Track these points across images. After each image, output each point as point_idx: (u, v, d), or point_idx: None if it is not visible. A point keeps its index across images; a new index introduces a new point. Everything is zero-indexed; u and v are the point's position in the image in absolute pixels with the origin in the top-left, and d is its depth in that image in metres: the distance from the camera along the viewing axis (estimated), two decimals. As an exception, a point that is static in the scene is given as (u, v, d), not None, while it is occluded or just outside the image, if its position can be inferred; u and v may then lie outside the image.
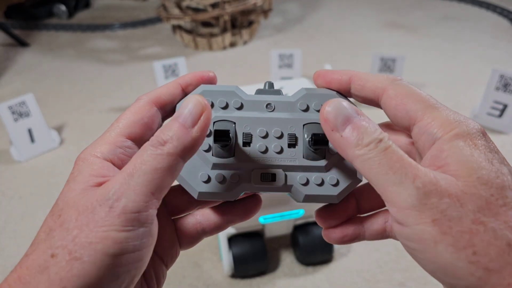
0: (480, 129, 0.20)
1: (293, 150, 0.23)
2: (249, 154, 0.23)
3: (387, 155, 0.19)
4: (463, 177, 0.18)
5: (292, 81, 0.57)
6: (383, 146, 0.19)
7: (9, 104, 0.76)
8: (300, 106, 0.24)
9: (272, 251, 0.60)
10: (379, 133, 0.19)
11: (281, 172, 0.23)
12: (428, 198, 0.18)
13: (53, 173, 0.77)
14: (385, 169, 0.18)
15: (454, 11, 1.40)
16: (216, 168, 0.23)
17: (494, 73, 0.78)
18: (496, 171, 0.18)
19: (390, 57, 0.87)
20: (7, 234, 0.65)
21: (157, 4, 1.42)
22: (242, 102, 0.24)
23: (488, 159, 0.18)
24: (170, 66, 0.88)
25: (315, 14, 1.44)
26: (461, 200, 0.18)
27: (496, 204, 0.18)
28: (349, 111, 0.20)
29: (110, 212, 0.18)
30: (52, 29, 1.40)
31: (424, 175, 0.18)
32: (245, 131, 0.23)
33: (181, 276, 0.58)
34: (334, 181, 0.23)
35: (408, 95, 0.21)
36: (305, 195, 0.23)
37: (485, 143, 0.19)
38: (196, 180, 0.23)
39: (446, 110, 0.20)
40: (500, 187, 0.18)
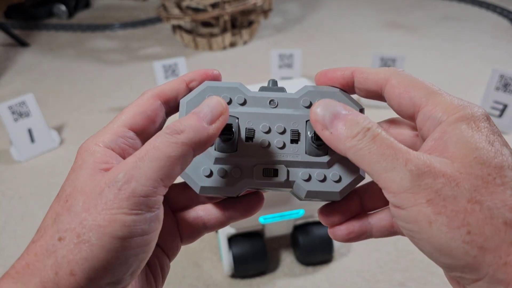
0: (484, 113, 0.20)
1: (295, 145, 0.23)
2: (252, 149, 0.23)
3: (376, 142, 0.19)
4: (460, 158, 0.18)
5: (292, 81, 0.57)
6: (371, 134, 0.19)
7: (9, 104, 0.76)
8: (303, 103, 0.24)
9: (272, 251, 0.60)
10: (367, 123, 0.19)
11: (283, 167, 0.23)
12: (421, 179, 0.18)
13: (53, 173, 0.77)
14: (376, 157, 0.18)
15: (454, 11, 1.40)
16: (218, 162, 0.23)
17: (494, 73, 0.78)
18: (496, 151, 0.18)
19: (390, 57, 0.87)
20: (7, 234, 0.65)
21: (157, 4, 1.42)
22: (245, 98, 0.24)
23: (489, 140, 0.19)
24: (170, 66, 0.88)
25: (315, 14, 1.44)
26: (456, 179, 0.18)
27: (494, 183, 0.18)
28: (335, 107, 0.20)
29: (118, 194, 0.18)
30: (52, 29, 1.40)
31: (416, 158, 0.18)
32: (248, 126, 0.23)
33: (181, 276, 0.58)
34: (337, 177, 0.23)
35: (411, 83, 0.21)
36: (307, 191, 0.23)
37: (488, 126, 0.19)
38: (198, 175, 0.23)
39: (450, 96, 0.21)
40: (499, 166, 0.18)
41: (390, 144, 0.19)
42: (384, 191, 0.19)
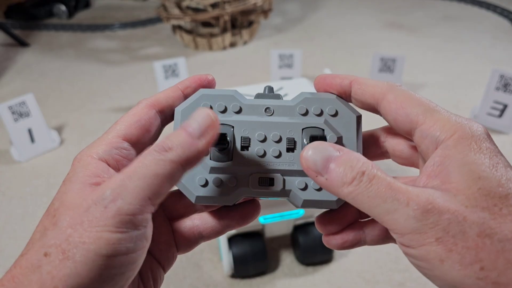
0: (484, 131, 0.19)
1: (291, 154, 0.23)
2: (247, 158, 0.23)
3: (373, 186, 0.18)
4: (463, 190, 0.18)
5: (292, 81, 0.57)
6: (367, 177, 0.18)
7: (9, 104, 0.76)
8: (299, 110, 0.24)
9: (272, 251, 0.60)
10: (360, 165, 0.19)
11: (279, 176, 0.23)
12: (427, 217, 0.17)
13: (53, 173, 0.77)
14: (376, 201, 0.18)
15: (454, 11, 1.40)
16: (214, 172, 0.23)
17: (494, 73, 0.78)
18: (500, 178, 0.18)
19: (390, 57, 0.87)
20: (7, 234, 0.65)
21: (157, 4, 1.42)
22: (240, 106, 0.24)
23: (492, 164, 0.18)
24: (170, 66, 0.88)
25: (315, 14, 1.44)
26: (463, 214, 0.17)
27: (501, 214, 0.17)
28: (326, 152, 0.20)
29: (104, 212, 0.18)
30: (52, 29, 1.40)
31: (417, 196, 0.18)
32: (244, 135, 0.23)
33: (182, 276, 0.58)
34: None
35: (407, 99, 0.21)
36: (303, 200, 0.23)
37: (490, 146, 0.19)
38: (193, 184, 0.23)
39: (447, 113, 0.20)
40: (504, 195, 0.17)
41: (388, 184, 0.18)
42: (390, 231, 0.19)
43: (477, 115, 0.84)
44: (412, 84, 0.98)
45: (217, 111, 0.24)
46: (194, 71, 1.06)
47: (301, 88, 0.55)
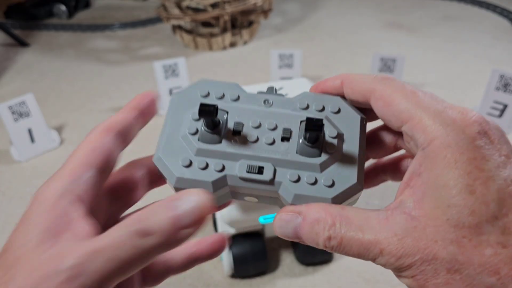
0: (471, 132, 0.18)
1: (286, 144, 0.21)
2: (238, 142, 0.21)
3: (345, 247, 0.19)
4: (432, 221, 0.17)
5: (292, 81, 0.57)
6: (336, 242, 0.19)
7: (9, 104, 0.76)
8: (299, 104, 0.22)
9: (272, 251, 0.60)
10: (326, 230, 0.19)
11: (270, 165, 0.21)
12: (400, 262, 0.18)
13: (53, 173, 0.77)
14: (353, 254, 0.19)
15: (454, 11, 1.40)
16: (200, 154, 0.21)
17: (494, 73, 0.78)
18: (473, 203, 0.17)
19: (390, 57, 0.87)
20: (7, 235, 0.64)
21: (157, 4, 1.42)
22: (239, 94, 0.23)
23: (467, 184, 0.17)
24: (170, 66, 0.88)
25: (316, 14, 1.44)
26: (433, 251, 0.17)
27: (470, 246, 0.17)
28: (290, 224, 0.20)
29: (61, 285, 0.16)
30: (52, 29, 1.40)
31: (388, 245, 0.18)
32: (237, 120, 0.22)
33: (181, 276, 0.57)
34: (329, 182, 0.21)
35: (393, 94, 0.20)
36: (294, 194, 0.21)
37: (473, 155, 0.17)
38: (176, 164, 0.21)
39: (435, 109, 0.19)
40: (474, 224, 0.17)
41: (358, 241, 0.18)
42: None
43: (477, 115, 0.84)
44: (412, 83, 0.98)
45: (214, 97, 0.23)
46: (194, 71, 1.06)
47: (301, 88, 0.55)
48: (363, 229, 0.18)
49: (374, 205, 0.66)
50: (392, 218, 0.18)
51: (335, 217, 0.19)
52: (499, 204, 0.17)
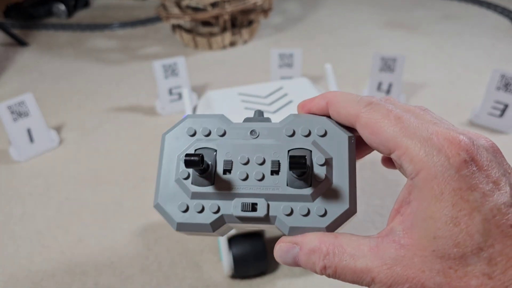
0: (458, 165, 0.18)
1: (276, 177, 0.22)
2: (229, 182, 0.22)
3: (340, 275, 0.19)
4: (420, 252, 0.18)
5: (292, 80, 0.57)
6: (331, 271, 0.20)
7: (8, 103, 0.76)
8: (286, 132, 0.22)
9: (272, 251, 0.59)
10: (322, 259, 0.20)
11: (263, 201, 0.21)
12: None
13: (52, 173, 0.77)
14: (348, 281, 0.20)
15: (454, 11, 1.39)
16: (195, 197, 0.22)
17: (495, 73, 0.78)
18: (457, 235, 0.17)
19: (391, 57, 0.87)
20: (7, 234, 0.64)
21: (156, 3, 1.42)
22: (225, 129, 0.23)
23: (453, 216, 0.17)
24: (169, 66, 0.88)
25: (316, 14, 1.43)
26: (420, 280, 0.17)
27: (456, 277, 0.17)
28: (288, 254, 0.21)
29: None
30: (52, 28, 1.40)
31: (378, 273, 0.18)
32: (226, 158, 0.22)
33: (181, 276, 0.57)
34: (322, 211, 0.21)
35: (379, 122, 0.20)
36: (289, 227, 0.21)
37: (459, 186, 0.17)
38: (174, 210, 0.22)
39: (419, 134, 0.19)
40: (459, 256, 0.17)
41: (351, 270, 0.19)
42: None
43: (477, 115, 0.83)
44: (412, 83, 0.98)
45: (202, 135, 0.23)
46: (193, 71, 1.06)
47: (301, 87, 0.55)
48: (355, 257, 0.19)
49: (374, 205, 0.66)
50: (382, 246, 0.19)
51: (329, 246, 0.20)
52: (484, 235, 0.17)
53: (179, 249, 0.61)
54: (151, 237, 0.63)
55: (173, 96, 0.91)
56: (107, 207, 0.69)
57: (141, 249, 0.62)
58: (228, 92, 0.55)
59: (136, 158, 0.79)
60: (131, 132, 0.86)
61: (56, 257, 0.61)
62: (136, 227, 0.65)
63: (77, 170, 0.77)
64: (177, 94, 0.91)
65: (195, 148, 0.23)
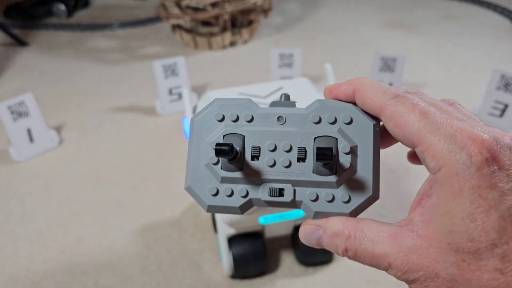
0: (479, 164, 0.18)
1: (302, 164, 0.23)
2: (257, 167, 0.23)
3: (360, 258, 0.21)
4: (435, 243, 0.18)
5: (292, 80, 0.57)
6: (352, 253, 0.21)
7: (8, 103, 0.76)
8: (312, 119, 0.23)
9: (272, 251, 0.59)
10: (341, 243, 0.21)
11: (289, 187, 0.23)
12: (406, 276, 0.19)
13: (52, 173, 0.77)
14: (367, 264, 0.21)
15: (454, 11, 1.39)
16: (224, 181, 0.23)
17: (495, 73, 0.78)
18: (472, 231, 0.18)
19: (391, 57, 0.87)
20: (7, 235, 0.64)
21: (156, 3, 1.42)
22: (253, 115, 0.24)
23: (470, 212, 0.18)
24: (169, 66, 0.88)
25: (316, 14, 1.43)
26: (434, 270, 0.18)
27: (469, 270, 0.18)
28: (312, 235, 0.22)
29: None
30: (52, 28, 1.40)
31: (395, 260, 0.19)
32: (254, 144, 0.23)
33: (181, 276, 0.57)
34: (346, 197, 0.22)
35: (404, 116, 0.20)
36: (314, 212, 0.22)
37: (478, 183, 0.18)
38: (205, 193, 0.24)
39: (443, 131, 0.19)
40: (473, 251, 0.18)
41: (370, 254, 0.20)
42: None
43: (477, 115, 0.83)
44: (412, 83, 0.98)
45: (230, 120, 0.24)
46: (193, 71, 1.06)
47: (301, 87, 0.55)
48: (374, 242, 0.20)
49: (374, 205, 0.66)
50: (400, 234, 0.20)
51: (351, 230, 0.21)
52: (499, 232, 0.17)
53: (179, 249, 0.61)
54: (151, 237, 0.63)
55: (173, 96, 0.91)
56: (107, 207, 0.69)
57: (141, 249, 0.62)
58: (228, 92, 0.55)
59: (136, 158, 0.79)
60: (131, 132, 0.86)
61: (56, 257, 0.61)
62: (136, 227, 0.65)
63: (77, 170, 0.77)
64: (177, 94, 0.91)
65: (224, 134, 0.24)
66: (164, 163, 0.77)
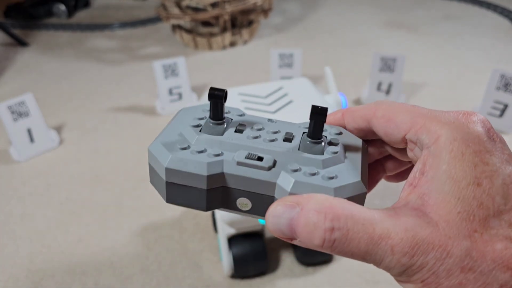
0: (476, 129, 0.18)
1: (288, 144, 0.21)
2: (239, 138, 0.21)
3: (352, 242, 0.16)
4: (444, 216, 0.17)
5: (292, 80, 0.57)
6: (340, 234, 0.16)
7: (8, 104, 0.76)
8: (302, 126, 0.23)
9: (272, 251, 0.60)
10: (327, 221, 0.16)
11: (270, 157, 0.20)
12: (412, 262, 0.16)
13: (52, 173, 0.77)
14: (361, 254, 0.17)
15: (454, 11, 1.39)
16: (200, 142, 0.21)
17: (495, 73, 0.78)
18: (481, 195, 0.17)
19: (391, 57, 0.87)
20: (6, 235, 0.64)
21: (156, 3, 1.42)
22: (244, 112, 0.24)
23: (475, 176, 0.17)
24: (169, 66, 0.88)
25: (315, 14, 1.43)
26: (446, 248, 0.16)
27: (482, 241, 0.16)
28: (285, 214, 0.17)
29: None
30: (52, 28, 1.40)
31: (400, 241, 0.16)
32: (241, 122, 0.23)
33: (181, 276, 0.57)
34: (332, 175, 0.19)
35: (395, 110, 0.21)
36: (294, 181, 0.19)
37: (478, 148, 0.17)
38: (173, 149, 0.20)
39: (437, 113, 0.19)
40: (483, 218, 0.16)
41: (367, 234, 0.16)
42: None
43: (477, 115, 0.83)
44: (412, 83, 0.98)
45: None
46: (193, 71, 1.06)
47: (301, 87, 0.55)
48: (373, 221, 0.17)
49: (374, 204, 0.66)
50: (402, 213, 0.17)
51: (339, 208, 0.17)
52: (504, 198, 0.17)
53: (179, 249, 0.61)
54: (151, 237, 0.63)
55: (173, 96, 0.91)
56: (107, 207, 0.69)
57: (141, 249, 0.62)
58: (228, 92, 0.55)
59: (136, 158, 0.79)
60: (131, 132, 0.86)
61: (56, 257, 0.61)
62: (136, 227, 0.65)
63: (77, 170, 0.77)
64: (177, 94, 0.91)
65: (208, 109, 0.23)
66: (164, 163, 0.77)
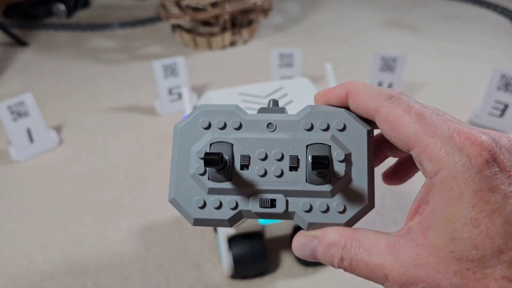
0: (479, 164, 0.17)
1: (294, 173, 0.21)
2: (247, 177, 0.22)
3: (355, 268, 0.20)
4: (436, 252, 0.17)
5: (292, 80, 0.57)
6: (347, 263, 0.20)
7: (8, 103, 0.76)
8: (303, 125, 0.22)
9: (272, 251, 0.59)
10: (337, 253, 0.20)
11: (281, 197, 0.21)
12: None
13: (52, 173, 0.77)
14: (363, 276, 0.20)
15: (455, 11, 1.39)
16: (212, 193, 0.22)
17: (495, 72, 0.78)
18: (476, 237, 0.16)
19: (391, 57, 0.87)
20: (6, 235, 0.64)
21: (156, 3, 1.42)
22: (241, 121, 0.22)
23: (473, 217, 0.17)
24: (169, 66, 0.88)
25: (316, 13, 1.43)
26: (436, 281, 0.17)
27: (474, 278, 0.16)
28: (307, 246, 0.21)
29: None
30: (51, 28, 1.40)
31: (391, 271, 0.18)
32: (243, 153, 0.22)
33: (181, 276, 0.57)
34: (341, 207, 0.21)
35: (399, 117, 0.19)
36: (308, 223, 0.21)
37: (479, 186, 0.17)
38: (191, 206, 0.22)
39: (440, 135, 0.18)
40: (478, 258, 0.16)
41: (365, 264, 0.19)
42: None
43: (478, 115, 0.83)
44: (412, 83, 0.98)
45: (216, 127, 0.22)
46: (193, 71, 1.06)
47: (301, 87, 0.55)
48: (370, 252, 0.19)
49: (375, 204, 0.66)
50: (398, 244, 0.19)
51: (347, 239, 0.20)
52: (505, 237, 0.16)
53: (179, 249, 0.61)
54: (151, 237, 0.63)
55: (173, 96, 0.91)
56: (107, 207, 0.69)
57: (141, 249, 0.62)
58: (228, 92, 0.55)
59: (136, 158, 0.79)
60: (131, 132, 0.86)
61: (56, 257, 0.61)
62: (136, 227, 0.65)
63: (77, 170, 0.77)
64: (177, 94, 0.91)
65: (211, 142, 0.22)
66: (164, 163, 0.77)
